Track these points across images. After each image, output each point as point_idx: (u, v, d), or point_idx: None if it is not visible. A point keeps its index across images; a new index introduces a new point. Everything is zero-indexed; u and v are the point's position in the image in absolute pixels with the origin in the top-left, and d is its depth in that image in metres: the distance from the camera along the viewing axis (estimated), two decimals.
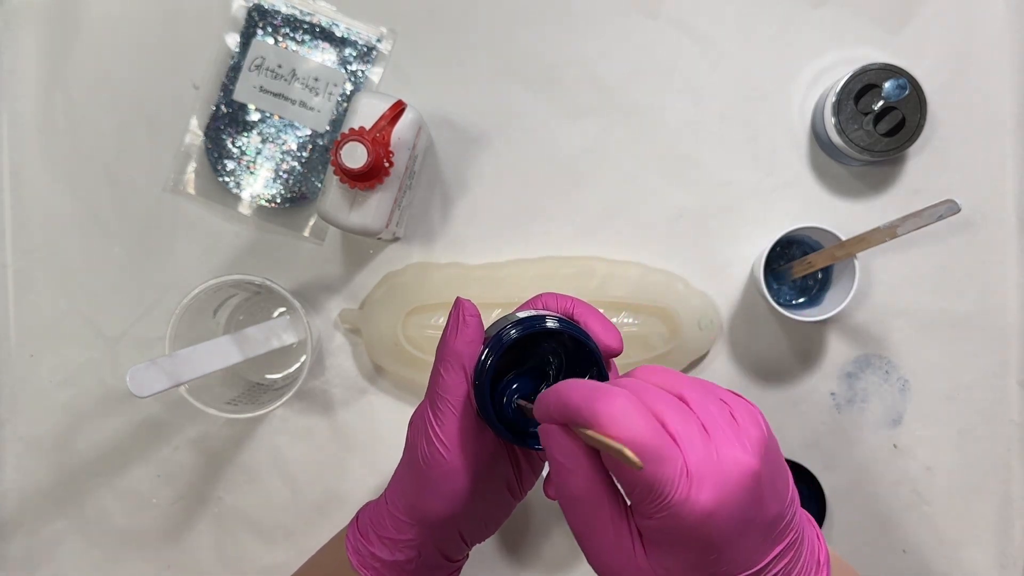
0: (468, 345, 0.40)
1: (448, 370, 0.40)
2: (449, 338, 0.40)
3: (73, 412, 0.66)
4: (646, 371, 0.35)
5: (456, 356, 0.40)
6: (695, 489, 0.30)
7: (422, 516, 0.42)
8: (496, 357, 0.38)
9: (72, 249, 0.66)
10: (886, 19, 0.66)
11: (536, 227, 0.67)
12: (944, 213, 0.52)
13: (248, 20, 0.65)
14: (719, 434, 0.31)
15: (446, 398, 0.40)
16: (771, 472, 0.32)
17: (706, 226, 0.67)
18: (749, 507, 0.31)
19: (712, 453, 0.30)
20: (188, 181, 0.66)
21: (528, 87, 0.66)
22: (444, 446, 0.40)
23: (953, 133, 0.66)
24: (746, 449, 0.31)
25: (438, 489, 0.41)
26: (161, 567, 0.67)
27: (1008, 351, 0.66)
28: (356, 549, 0.45)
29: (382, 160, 0.54)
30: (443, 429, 0.40)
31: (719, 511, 0.30)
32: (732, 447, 0.31)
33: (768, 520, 0.32)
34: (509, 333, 0.38)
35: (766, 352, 0.67)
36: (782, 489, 0.33)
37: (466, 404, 0.40)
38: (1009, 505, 0.66)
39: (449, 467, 0.40)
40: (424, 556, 0.44)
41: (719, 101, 0.66)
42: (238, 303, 0.66)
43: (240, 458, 0.67)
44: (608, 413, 0.30)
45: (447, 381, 0.40)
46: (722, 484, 0.30)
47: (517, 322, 0.39)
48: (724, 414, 0.32)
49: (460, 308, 0.41)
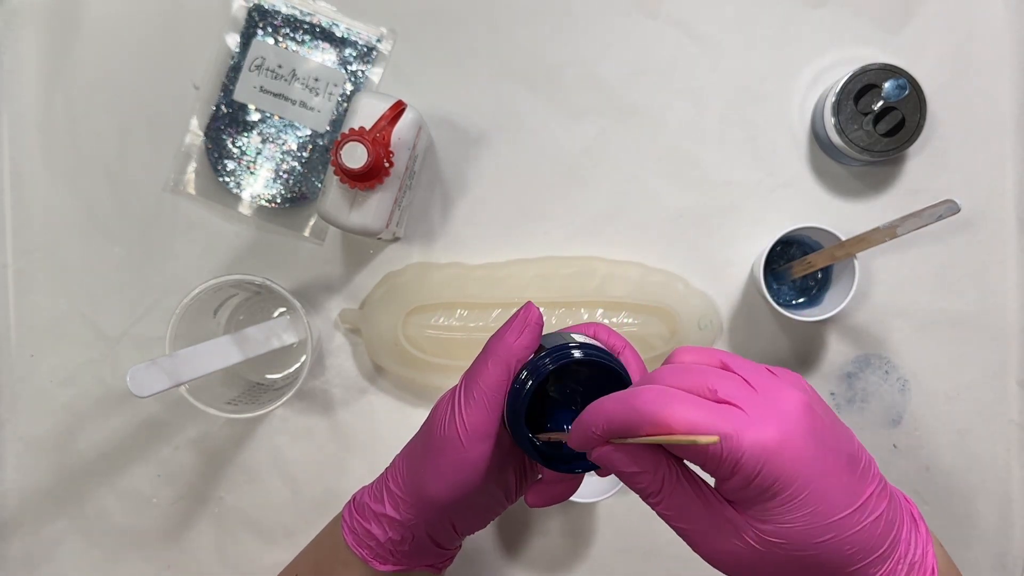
0: (523, 349, 0.40)
1: (495, 364, 0.40)
2: (509, 336, 0.40)
3: (73, 412, 0.66)
4: (680, 351, 0.37)
5: (509, 354, 0.40)
6: (759, 429, 0.31)
7: (423, 499, 0.43)
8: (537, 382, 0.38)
9: (72, 249, 0.66)
10: (886, 19, 0.66)
11: (536, 227, 0.67)
12: (944, 213, 0.52)
13: (248, 20, 0.65)
14: (765, 383, 0.33)
15: (484, 389, 0.40)
16: (827, 412, 0.34)
17: (706, 226, 0.67)
18: (817, 436, 0.32)
19: (763, 399, 0.32)
20: (188, 181, 0.66)
21: (528, 87, 0.66)
22: (465, 431, 0.40)
23: (953, 133, 0.66)
24: (794, 388, 0.33)
25: (444, 474, 0.41)
26: (161, 567, 0.67)
27: (1008, 351, 0.66)
28: (352, 528, 0.46)
29: (382, 160, 0.54)
30: (469, 415, 0.40)
31: (789, 441, 0.31)
32: (780, 389, 0.33)
33: (845, 455, 0.33)
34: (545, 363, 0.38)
35: (766, 352, 0.67)
36: (846, 433, 0.35)
37: (498, 402, 0.40)
38: (1009, 505, 0.66)
39: (463, 455, 0.41)
40: (417, 539, 0.44)
41: (719, 101, 0.66)
42: (238, 303, 0.66)
43: (240, 458, 0.67)
44: (653, 410, 0.32)
45: (490, 374, 0.40)
46: (782, 418, 0.32)
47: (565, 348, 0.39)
48: (762, 370, 0.35)
49: (528, 311, 0.41)
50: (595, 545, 0.67)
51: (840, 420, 0.35)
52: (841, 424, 0.35)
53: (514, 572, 0.67)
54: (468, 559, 0.67)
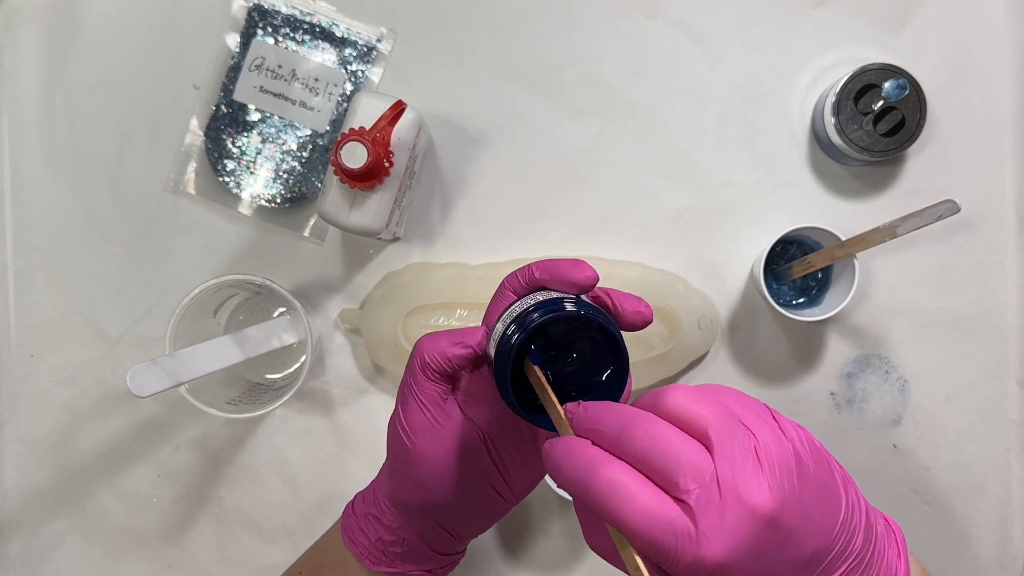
0: (447, 360, 0.40)
1: (419, 367, 0.41)
2: (437, 338, 0.41)
3: (73, 412, 0.66)
4: (673, 398, 0.32)
5: (433, 357, 0.40)
6: (704, 547, 0.29)
7: (399, 504, 0.44)
8: (524, 335, 0.35)
9: (72, 249, 0.66)
10: (886, 19, 0.66)
11: (536, 227, 0.67)
12: (944, 213, 0.52)
13: (248, 20, 0.65)
14: (736, 480, 0.30)
15: (413, 390, 0.41)
16: (805, 509, 0.31)
17: (706, 226, 0.67)
18: (770, 552, 0.30)
19: (722, 507, 0.29)
20: (188, 181, 0.66)
21: (528, 87, 0.66)
22: (407, 435, 0.41)
23: (953, 133, 0.66)
24: (764, 493, 0.30)
25: (407, 477, 0.42)
26: (161, 567, 0.67)
27: (1008, 351, 0.66)
28: (348, 527, 0.47)
29: (382, 160, 0.54)
30: (408, 419, 0.41)
31: (733, 562, 0.29)
32: (750, 493, 0.29)
33: (807, 557, 0.31)
34: (533, 316, 0.36)
35: (766, 352, 0.67)
36: (826, 523, 0.32)
37: (430, 399, 0.41)
38: (1009, 505, 0.66)
39: (413, 456, 0.41)
40: (411, 544, 0.45)
41: (719, 101, 0.66)
42: (238, 303, 0.66)
43: (240, 458, 0.67)
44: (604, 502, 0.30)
45: (417, 376, 0.41)
46: (732, 537, 0.29)
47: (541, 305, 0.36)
48: (749, 450, 0.30)
49: (470, 332, 0.41)
50: None
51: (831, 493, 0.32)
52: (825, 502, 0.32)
53: (515, 572, 0.67)
54: (468, 559, 0.67)
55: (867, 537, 0.34)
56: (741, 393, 0.33)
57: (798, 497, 0.30)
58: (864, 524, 0.34)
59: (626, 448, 0.31)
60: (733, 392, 0.33)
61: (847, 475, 0.35)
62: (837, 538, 0.32)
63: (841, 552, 0.32)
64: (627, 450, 0.31)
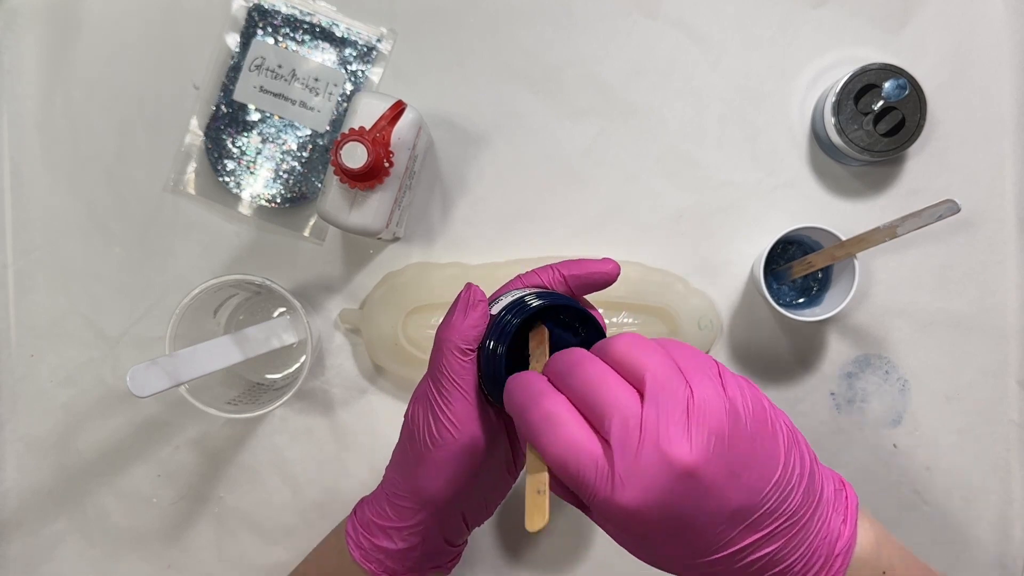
0: (472, 328, 0.41)
1: (451, 350, 0.41)
2: (456, 320, 0.41)
3: (73, 412, 0.66)
4: (619, 342, 0.34)
5: (460, 336, 0.40)
6: (618, 490, 0.30)
7: (427, 498, 0.43)
8: (506, 344, 0.39)
9: (72, 249, 0.66)
10: (886, 19, 0.66)
11: (536, 227, 0.67)
12: (944, 213, 0.52)
13: (248, 20, 0.65)
14: (660, 428, 0.30)
15: (453, 379, 0.41)
16: (731, 466, 0.31)
17: (706, 226, 0.67)
18: (686, 503, 0.31)
19: (640, 452, 0.30)
20: (188, 181, 0.66)
21: (528, 87, 0.66)
22: (454, 426, 0.41)
23: (953, 133, 0.66)
24: (686, 445, 0.30)
25: (444, 469, 0.42)
26: (161, 567, 0.67)
27: (1008, 351, 0.66)
28: (358, 543, 0.45)
29: (382, 160, 0.54)
30: (451, 409, 0.41)
31: (645, 509, 0.30)
32: (670, 443, 0.30)
33: (726, 514, 0.32)
34: (511, 321, 0.39)
35: (766, 352, 0.67)
36: (754, 481, 0.32)
37: (471, 384, 0.41)
38: (1009, 505, 0.66)
39: (458, 446, 0.41)
40: (428, 541, 0.44)
41: (719, 101, 0.66)
42: (238, 303, 0.66)
43: (240, 458, 0.67)
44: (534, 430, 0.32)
45: (452, 362, 0.41)
46: (647, 483, 0.30)
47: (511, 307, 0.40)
48: (680, 401, 0.31)
49: (469, 292, 0.42)
50: (595, 545, 0.67)
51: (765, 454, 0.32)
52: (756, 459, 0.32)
53: (515, 572, 0.67)
54: (469, 559, 0.67)
55: (806, 500, 0.34)
56: (694, 349, 0.34)
57: (725, 454, 0.31)
58: (804, 486, 0.34)
59: (568, 384, 0.33)
60: (685, 347, 0.34)
61: (798, 437, 0.35)
62: (768, 496, 0.32)
63: (772, 511, 0.33)
64: (568, 387, 0.33)
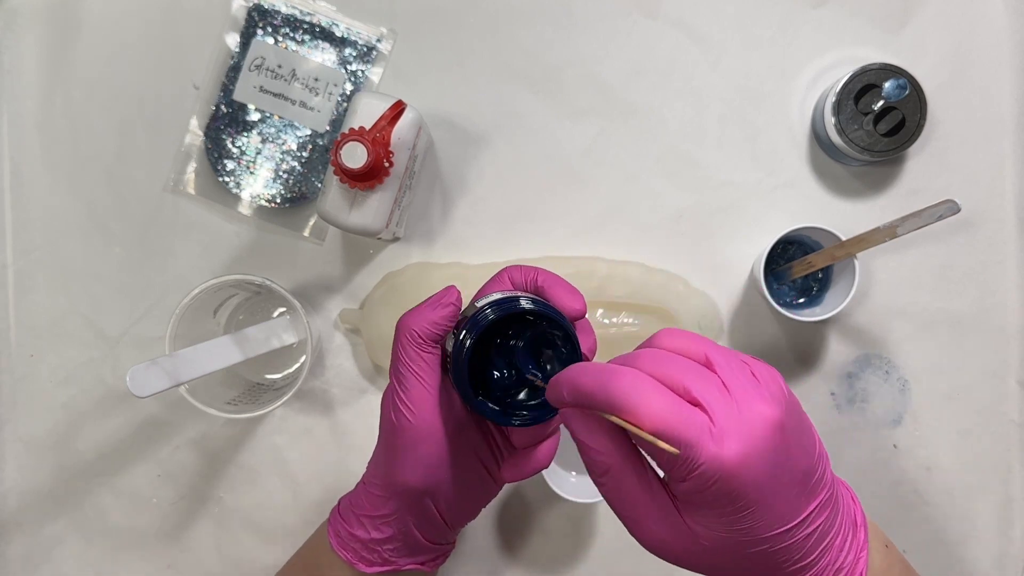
0: (435, 325, 0.41)
1: (409, 337, 0.41)
2: (422, 309, 0.42)
3: (73, 412, 0.66)
4: (665, 336, 0.35)
5: (422, 327, 0.41)
6: (722, 445, 0.31)
7: (396, 487, 0.43)
8: (476, 336, 0.39)
9: (72, 249, 0.66)
10: (886, 19, 0.66)
11: (536, 227, 0.67)
12: (944, 213, 0.52)
13: (248, 20, 0.65)
14: (741, 391, 0.32)
15: (409, 365, 0.41)
16: (796, 425, 0.33)
17: (706, 226, 0.67)
18: (778, 456, 0.32)
19: (734, 409, 0.31)
20: (188, 181, 0.66)
21: (528, 87, 0.66)
22: (409, 411, 0.41)
23: (953, 133, 0.66)
24: (768, 402, 0.32)
25: (408, 455, 0.42)
26: (161, 567, 0.67)
27: (1008, 351, 0.66)
28: (336, 532, 0.46)
29: (382, 160, 0.54)
30: (407, 395, 0.41)
31: (748, 461, 0.31)
32: (754, 401, 0.32)
33: (800, 472, 0.33)
34: (486, 315, 0.39)
35: (766, 352, 0.67)
36: (809, 444, 0.34)
37: (427, 371, 0.41)
38: (1009, 505, 0.66)
39: (416, 432, 0.41)
40: (404, 535, 0.45)
41: (719, 101, 0.66)
42: (238, 303, 0.66)
43: (240, 458, 0.67)
44: (624, 398, 0.31)
45: (409, 349, 0.41)
46: (748, 435, 0.31)
47: (494, 304, 0.40)
48: (745, 372, 0.33)
49: (446, 293, 0.42)
50: (595, 545, 0.67)
51: (808, 425, 0.35)
52: (807, 431, 0.35)
53: (514, 572, 0.67)
54: (468, 559, 0.67)
55: (831, 473, 0.36)
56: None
57: (793, 414, 0.33)
58: (827, 458, 0.36)
59: (638, 366, 0.33)
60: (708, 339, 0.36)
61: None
62: (818, 461, 0.35)
63: (820, 477, 0.35)
64: (639, 367, 0.33)
